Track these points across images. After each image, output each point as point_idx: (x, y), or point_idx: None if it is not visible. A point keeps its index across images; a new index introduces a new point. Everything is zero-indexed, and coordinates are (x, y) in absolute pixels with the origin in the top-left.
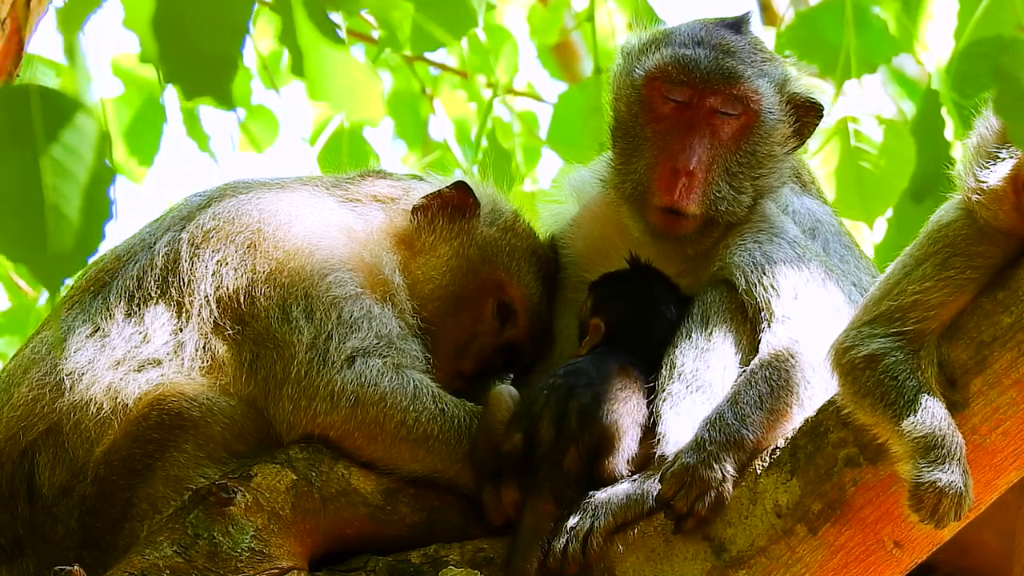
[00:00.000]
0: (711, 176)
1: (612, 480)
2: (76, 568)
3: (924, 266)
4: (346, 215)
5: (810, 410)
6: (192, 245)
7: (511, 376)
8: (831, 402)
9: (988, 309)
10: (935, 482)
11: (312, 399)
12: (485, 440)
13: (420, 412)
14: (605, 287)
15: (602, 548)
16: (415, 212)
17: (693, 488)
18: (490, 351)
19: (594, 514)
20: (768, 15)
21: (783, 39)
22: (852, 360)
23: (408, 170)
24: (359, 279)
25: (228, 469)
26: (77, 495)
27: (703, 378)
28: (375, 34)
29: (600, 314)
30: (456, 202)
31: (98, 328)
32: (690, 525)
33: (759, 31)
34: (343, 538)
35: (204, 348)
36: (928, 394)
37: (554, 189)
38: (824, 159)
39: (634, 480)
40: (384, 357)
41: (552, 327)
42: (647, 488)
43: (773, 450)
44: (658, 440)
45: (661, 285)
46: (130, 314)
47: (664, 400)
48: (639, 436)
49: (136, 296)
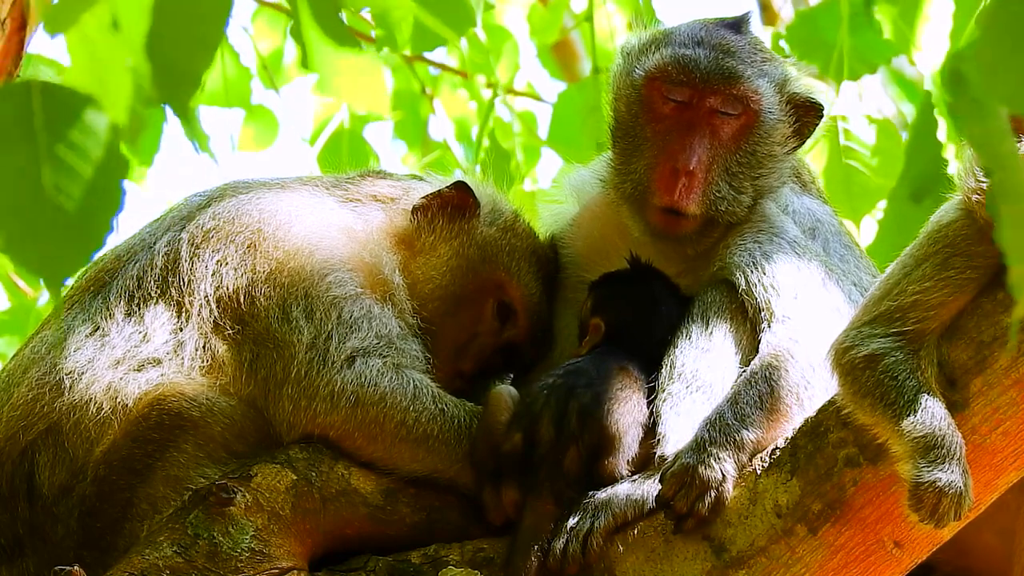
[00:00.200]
0: (711, 176)
1: (612, 480)
2: (76, 568)
3: (924, 266)
4: (346, 215)
5: (810, 410)
6: (192, 245)
7: (511, 376)
8: (831, 402)
9: (988, 309)
10: (935, 482)
11: (312, 399)
12: (485, 440)
13: (420, 412)
14: (605, 287)
15: (602, 548)
16: (415, 212)
17: (693, 488)
18: (490, 351)
19: (594, 514)
20: (768, 15)
21: (777, 39)
22: (852, 360)
23: (408, 170)
24: (359, 279)
25: (228, 469)
26: (77, 495)
27: (703, 378)
28: (374, 34)
29: (600, 314)
30: (456, 202)
31: (98, 327)
32: (690, 525)
33: (759, 31)
34: (343, 538)
35: (204, 348)
36: (928, 394)
37: (554, 189)
38: (812, 158)
39: (634, 480)
40: (384, 357)
41: (552, 327)
42: (647, 488)
43: (773, 450)
44: (658, 440)
45: (661, 285)
46: (130, 314)
47: (664, 400)
48: (639, 436)
49: (136, 296)
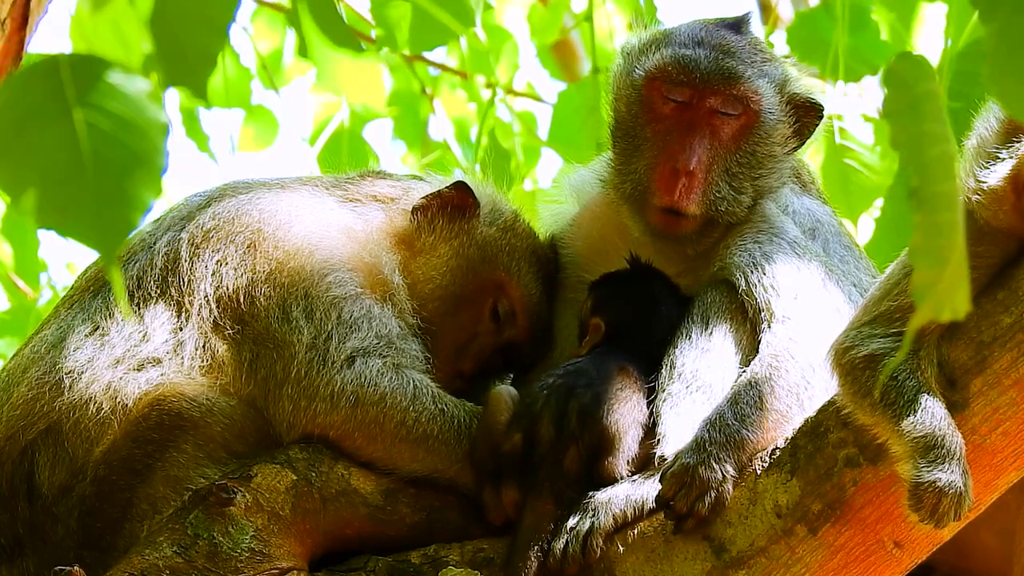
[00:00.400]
0: (711, 176)
1: (612, 480)
2: (76, 568)
3: None
4: (346, 215)
5: (810, 410)
6: (192, 245)
7: (511, 376)
8: (831, 402)
9: (988, 309)
10: (935, 482)
11: (312, 399)
12: (485, 440)
13: (420, 412)
14: (605, 287)
15: (602, 548)
16: (415, 212)
17: (693, 488)
18: (490, 351)
19: (594, 514)
20: (768, 15)
21: (769, 37)
22: (852, 360)
23: (408, 170)
24: (359, 279)
25: (228, 469)
26: (77, 495)
27: (703, 378)
28: (374, 34)
29: (600, 314)
30: (456, 202)
31: (98, 327)
32: (690, 525)
33: (759, 31)
34: (343, 538)
35: (204, 348)
36: (928, 394)
37: (554, 189)
38: (810, 156)
39: (634, 480)
40: (384, 357)
41: (552, 327)
42: (647, 488)
43: (773, 450)
44: (658, 440)
45: (661, 285)
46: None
47: (664, 400)
48: (639, 436)
49: (136, 296)
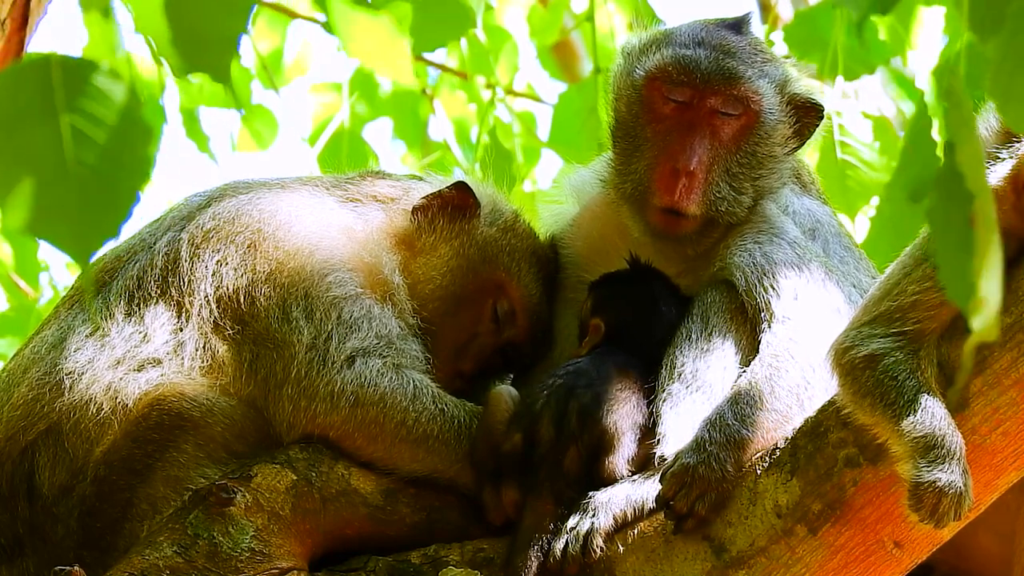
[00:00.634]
0: (711, 176)
1: (612, 480)
2: (76, 568)
3: (924, 266)
4: (346, 215)
5: (810, 410)
6: (192, 245)
7: (511, 376)
8: (831, 402)
9: None
10: (935, 482)
11: (312, 399)
12: (485, 440)
13: (420, 412)
14: (605, 287)
15: (602, 548)
16: (415, 212)
17: (693, 488)
18: (490, 351)
19: (594, 514)
20: (768, 15)
21: (769, 37)
22: (852, 360)
23: (408, 170)
24: (359, 279)
25: (228, 469)
26: (77, 495)
27: (703, 378)
28: None
29: (600, 314)
30: (456, 202)
31: (98, 328)
32: (690, 525)
33: (759, 31)
34: (343, 538)
35: (204, 348)
36: (928, 394)
37: (554, 189)
38: (807, 154)
39: (634, 480)
40: (384, 357)
41: (552, 327)
42: (647, 488)
43: (773, 450)
44: (658, 440)
45: (661, 285)
46: (130, 314)
47: (664, 400)
48: (639, 436)
49: (136, 296)
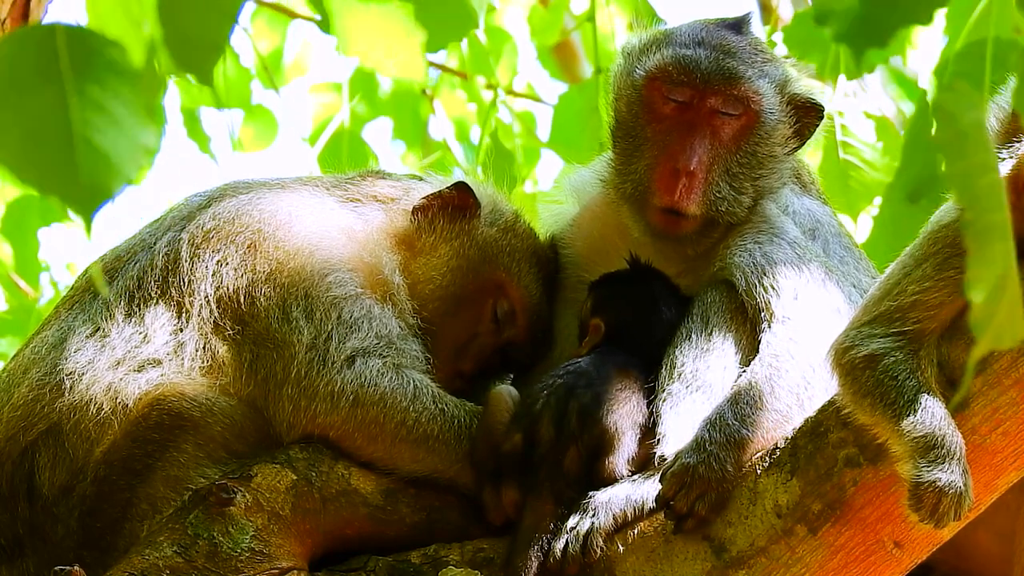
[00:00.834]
0: (711, 176)
1: (612, 480)
2: (76, 568)
3: (924, 266)
4: (346, 215)
5: (810, 410)
6: (192, 245)
7: (511, 376)
8: (831, 402)
9: None
10: (935, 482)
11: (312, 399)
12: (485, 440)
13: (420, 412)
14: (605, 287)
15: (602, 548)
16: (415, 212)
17: (693, 488)
18: (490, 351)
19: (594, 514)
20: (768, 15)
21: (770, 37)
22: (852, 360)
23: (408, 170)
24: (359, 279)
25: (228, 469)
26: (77, 495)
27: (703, 378)
28: None
29: (600, 314)
30: (456, 202)
31: (98, 328)
32: (690, 525)
33: (760, 32)
34: (343, 538)
35: (204, 348)
36: (928, 394)
37: (554, 189)
38: (808, 154)
39: (634, 480)
40: (384, 357)
41: (552, 327)
42: (647, 488)
43: (773, 450)
44: (658, 440)
45: (661, 285)
46: (130, 314)
47: (664, 400)
48: (639, 436)
49: (136, 296)
